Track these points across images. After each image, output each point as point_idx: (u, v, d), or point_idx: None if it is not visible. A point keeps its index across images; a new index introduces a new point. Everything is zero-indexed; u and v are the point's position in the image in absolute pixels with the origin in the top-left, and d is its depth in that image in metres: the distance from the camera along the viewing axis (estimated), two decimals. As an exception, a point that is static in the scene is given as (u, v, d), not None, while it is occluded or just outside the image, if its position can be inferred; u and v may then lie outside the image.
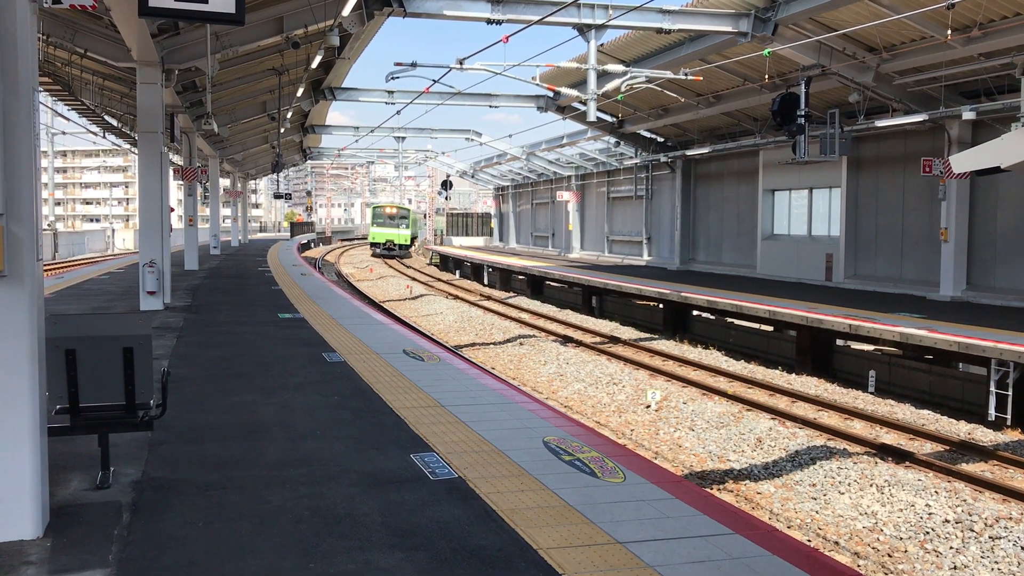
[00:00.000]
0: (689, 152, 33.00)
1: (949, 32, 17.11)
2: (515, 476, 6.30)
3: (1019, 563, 7.85)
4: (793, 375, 17.15)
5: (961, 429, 12.97)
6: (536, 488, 6.03)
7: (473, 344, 21.54)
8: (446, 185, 63.03)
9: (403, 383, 9.68)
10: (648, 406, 14.18)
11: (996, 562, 7.94)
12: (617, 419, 13.90)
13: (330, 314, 16.24)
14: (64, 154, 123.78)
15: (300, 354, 11.57)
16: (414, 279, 42.15)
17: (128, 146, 36.55)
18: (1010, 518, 8.75)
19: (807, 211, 29.25)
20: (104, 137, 34.49)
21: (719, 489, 10.41)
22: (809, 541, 8.70)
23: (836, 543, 8.68)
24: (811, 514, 9.46)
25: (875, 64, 20.75)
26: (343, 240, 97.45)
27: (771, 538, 5.26)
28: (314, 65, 22.80)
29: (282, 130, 34.21)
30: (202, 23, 15.60)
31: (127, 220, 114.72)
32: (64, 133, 47.66)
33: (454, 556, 4.81)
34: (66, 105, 28.01)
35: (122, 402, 5.76)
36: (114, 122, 30.70)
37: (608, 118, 33.93)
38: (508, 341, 21.36)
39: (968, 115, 19.65)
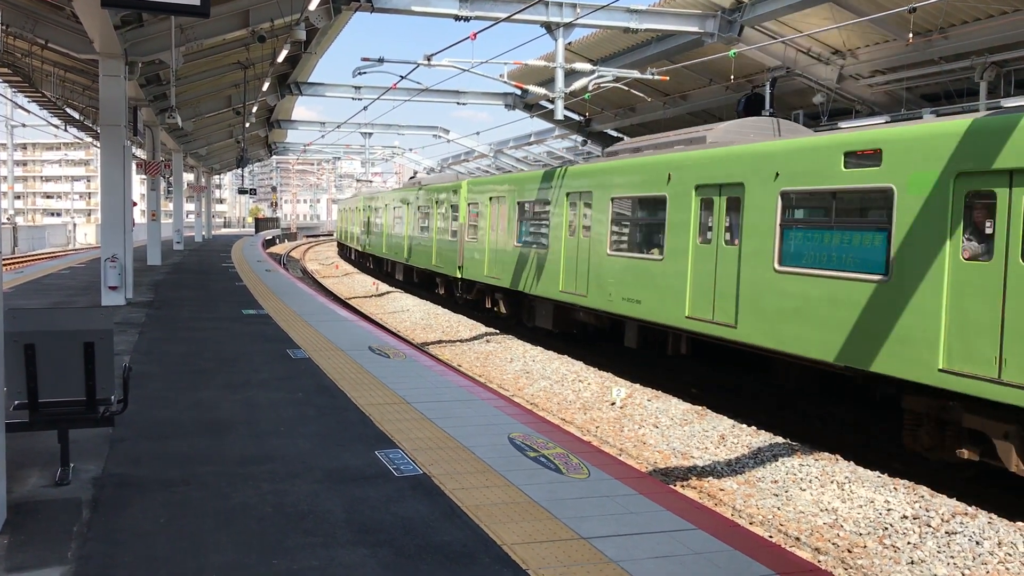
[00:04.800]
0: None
1: (911, 35, 17.36)
2: (480, 472, 6.31)
3: (974, 557, 8.00)
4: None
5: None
6: (501, 484, 6.05)
7: (440, 341, 21.50)
8: (413, 182, 62.73)
9: (368, 380, 9.65)
10: (613, 403, 14.24)
11: (952, 556, 8.08)
12: (582, 416, 13.95)
13: (295, 310, 16.14)
14: (24, 147, 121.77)
15: (264, 350, 11.49)
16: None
17: (90, 139, 36.06)
18: (966, 514, 8.90)
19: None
20: (65, 130, 34.01)
21: (682, 485, 10.49)
22: (771, 537, 8.80)
23: (797, 539, 8.79)
24: (773, 510, 9.56)
25: (839, 65, 21.00)
26: (308, 236, 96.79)
27: (733, 534, 5.32)
28: (280, 59, 22.62)
29: (247, 125, 33.92)
30: (166, 15, 15.46)
31: (89, 214, 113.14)
32: (24, 125, 46.96)
33: (419, 552, 4.82)
34: (26, 97, 27.59)
35: (83, 397, 5.70)
36: (76, 115, 30.27)
37: (575, 117, 34.00)
38: (475, 338, 21.35)
39: (929, 117, 19.93)
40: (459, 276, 25.39)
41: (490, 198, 23.38)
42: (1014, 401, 8.79)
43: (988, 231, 9.39)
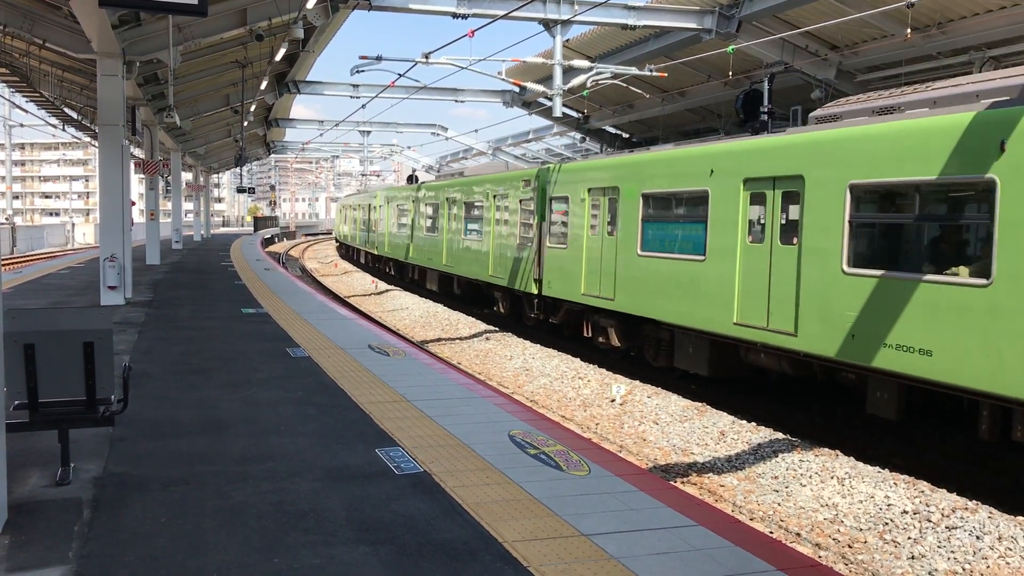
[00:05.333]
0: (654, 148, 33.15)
1: (909, 30, 17.36)
2: (481, 470, 6.31)
3: (974, 552, 8.00)
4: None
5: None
6: (502, 481, 6.05)
7: (439, 339, 21.50)
8: (412, 180, 62.75)
9: (368, 378, 9.65)
10: (613, 400, 14.25)
11: (952, 551, 8.08)
12: (582, 413, 13.95)
13: (294, 309, 16.14)
14: (22, 147, 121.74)
15: (264, 349, 11.49)
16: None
17: (88, 139, 36.04)
18: (966, 508, 8.91)
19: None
20: (64, 130, 33.99)
21: (683, 482, 10.50)
22: (771, 533, 8.80)
23: (797, 534, 8.79)
24: (773, 506, 9.56)
25: (837, 61, 21.00)
26: (307, 235, 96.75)
27: (734, 530, 5.32)
28: (278, 58, 22.61)
29: (245, 123, 33.89)
30: (164, 14, 15.44)
31: (87, 214, 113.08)
32: (22, 125, 46.96)
33: (419, 550, 4.82)
34: (24, 97, 27.58)
35: (82, 397, 5.70)
36: (74, 114, 30.25)
37: (574, 114, 34.01)
38: (474, 336, 21.35)
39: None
40: (536, 292, 19.79)
41: (589, 190, 17.48)
42: None
43: None
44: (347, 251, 52.74)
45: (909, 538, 8.44)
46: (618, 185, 16.40)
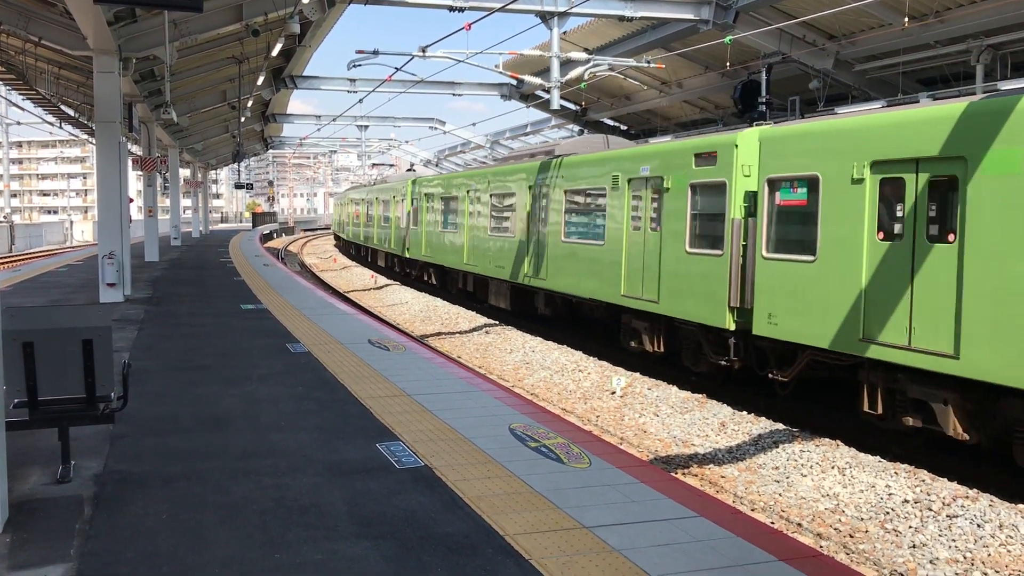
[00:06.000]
0: (653, 140, 33.14)
1: (906, 19, 17.33)
2: (481, 463, 6.31)
3: (975, 540, 8.01)
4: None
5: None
6: (503, 475, 6.05)
7: (439, 333, 21.50)
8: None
9: (368, 373, 9.65)
10: (613, 392, 14.25)
11: (953, 540, 8.09)
12: (583, 405, 13.95)
13: (294, 304, 16.13)
14: (19, 145, 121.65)
15: (263, 345, 11.49)
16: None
17: (86, 136, 35.98)
18: (966, 497, 8.92)
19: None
20: (61, 127, 33.94)
21: (684, 473, 10.50)
22: (772, 523, 8.81)
23: (799, 525, 8.80)
24: (774, 496, 9.57)
25: (834, 51, 20.97)
26: (306, 230, 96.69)
27: (735, 521, 5.32)
28: (275, 53, 22.57)
29: (243, 119, 33.85)
30: (160, 10, 15.39)
31: (85, 211, 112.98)
32: (19, 123, 46.89)
33: (421, 544, 4.82)
34: (20, 94, 27.51)
35: (82, 395, 5.69)
36: (71, 112, 30.20)
37: (572, 106, 33.96)
38: (474, 330, 21.34)
39: (925, 102, 19.91)
40: (731, 328, 13.06)
41: (873, 164, 10.54)
42: None
43: None
44: (356, 250, 47.62)
45: (910, 527, 8.45)
46: (963, 155, 9.42)
